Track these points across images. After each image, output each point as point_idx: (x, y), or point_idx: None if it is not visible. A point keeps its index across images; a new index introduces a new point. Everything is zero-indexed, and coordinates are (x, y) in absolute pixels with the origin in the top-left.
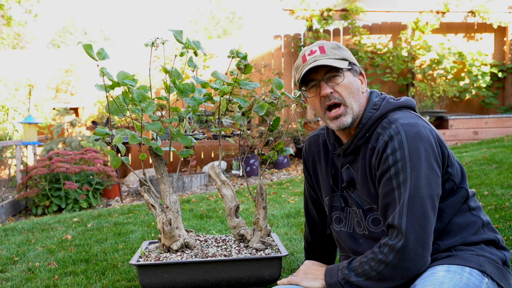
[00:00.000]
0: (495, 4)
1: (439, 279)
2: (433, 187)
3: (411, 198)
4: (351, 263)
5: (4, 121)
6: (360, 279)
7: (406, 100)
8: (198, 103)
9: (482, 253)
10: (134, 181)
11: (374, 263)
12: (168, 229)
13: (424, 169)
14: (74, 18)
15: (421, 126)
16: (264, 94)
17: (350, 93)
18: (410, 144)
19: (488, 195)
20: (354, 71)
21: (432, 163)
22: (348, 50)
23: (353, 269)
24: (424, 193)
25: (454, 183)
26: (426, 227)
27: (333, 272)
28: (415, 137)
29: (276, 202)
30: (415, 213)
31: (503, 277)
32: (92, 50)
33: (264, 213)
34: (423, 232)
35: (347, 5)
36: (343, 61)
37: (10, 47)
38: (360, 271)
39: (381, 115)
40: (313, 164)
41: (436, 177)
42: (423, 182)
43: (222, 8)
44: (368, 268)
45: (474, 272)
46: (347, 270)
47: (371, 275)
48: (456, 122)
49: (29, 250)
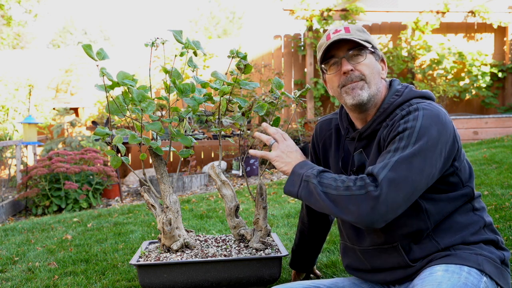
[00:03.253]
0: (495, 4)
1: (438, 279)
2: (428, 164)
3: (401, 159)
4: (324, 172)
5: (4, 121)
6: (319, 187)
7: (427, 92)
8: (198, 103)
9: (481, 252)
10: (134, 181)
11: (342, 185)
12: (168, 229)
13: (428, 144)
14: (74, 18)
15: (443, 112)
16: (264, 94)
17: (371, 73)
18: (425, 120)
19: (488, 195)
20: (377, 55)
21: (438, 145)
22: (371, 36)
23: (322, 176)
24: (416, 163)
25: (460, 179)
26: (401, 192)
27: (306, 166)
28: (433, 116)
29: (276, 202)
30: (397, 173)
31: (501, 276)
32: (91, 50)
33: (264, 213)
34: (396, 195)
35: (347, 5)
36: (367, 43)
37: (10, 47)
38: (325, 182)
39: (404, 101)
40: (324, 147)
41: (436, 158)
42: (421, 154)
43: (222, 8)
44: (334, 185)
45: (473, 271)
46: (316, 173)
47: (330, 192)
48: (456, 122)
49: (29, 250)
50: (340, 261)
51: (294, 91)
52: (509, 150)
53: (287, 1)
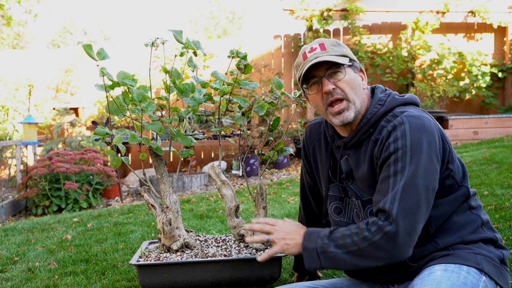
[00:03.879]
0: (495, 4)
1: (437, 278)
2: (430, 180)
3: (406, 186)
4: (333, 233)
5: (4, 121)
6: (339, 251)
7: (410, 97)
8: (198, 103)
9: (480, 252)
10: (134, 181)
11: (358, 239)
12: (168, 229)
13: (424, 160)
14: (74, 18)
15: (426, 119)
16: (264, 94)
17: (352, 88)
18: (413, 134)
19: (488, 195)
20: (355, 67)
21: (432, 156)
22: (347, 47)
23: (334, 239)
24: (420, 183)
25: (455, 180)
26: (416, 217)
27: (312, 237)
28: (419, 128)
29: (276, 202)
30: (408, 200)
31: (500, 275)
32: (92, 50)
33: (264, 213)
34: (413, 222)
35: (347, 5)
36: (343, 58)
37: (10, 47)
38: (341, 243)
39: (386, 110)
40: (314, 152)
41: (434, 170)
42: (420, 173)
43: (222, 8)
44: (350, 241)
45: (472, 270)
46: (327, 240)
47: (351, 249)
48: (456, 122)
49: (29, 250)
50: None
51: (294, 91)
52: (509, 150)
53: (287, 1)
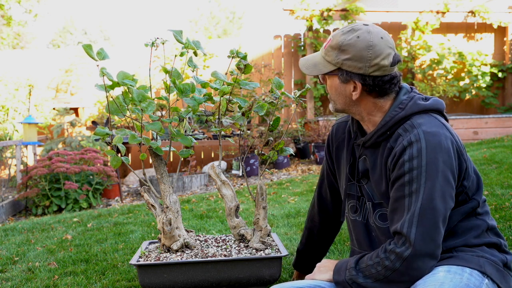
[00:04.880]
0: (495, 4)
1: (440, 279)
2: (447, 201)
3: (422, 209)
4: (358, 264)
5: (4, 121)
6: (368, 281)
7: (434, 103)
8: (198, 103)
9: (483, 255)
10: (134, 181)
11: (381, 268)
12: (168, 229)
13: (440, 181)
14: (74, 18)
15: (443, 136)
16: (264, 94)
17: (333, 94)
18: (429, 154)
19: (488, 195)
20: (343, 77)
21: (449, 176)
22: (355, 53)
23: (361, 270)
24: (437, 206)
25: (467, 195)
26: (435, 239)
27: (341, 270)
28: (435, 147)
29: (276, 202)
30: (425, 224)
31: (503, 279)
32: (92, 50)
33: (264, 213)
34: (433, 244)
35: (347, 5)
36: (328, 65)
37: (10, 47)
38: (368, 273)
39: (405, 116)
40: (337, 150)
41: (450, 191)
42: (437, 194)
43: (222, 8)
44: (375, 271)
45: (475, 273)
46: (355, 271)
47: (379, 278)
48: (456, 122)
49: (29, 250)
50: None
51: (294, 91)
52: (509, 150)
53: (287, 1)
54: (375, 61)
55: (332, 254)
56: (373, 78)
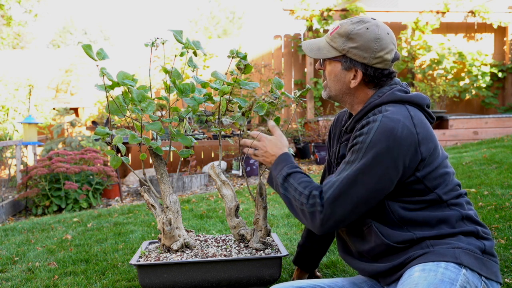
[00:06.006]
0: (495, 4)
1: (415, 280)
2: (375, 181)
3: (347, 178)
4: (290, 176)
5: (4, 121)
6: (284, 194)
7: (413, 95)
8: (198, 103)
9: (458, 245)
10: (134, 181)
11: (298, 198)
12: (168, 229)
13: (374, 161)
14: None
15: (401, 124)
16: (264, 94)
17: (330, 80)
18: (376, 135)
19: (488, 195)
20: (347, 64)
21: (387, 161)
22: (363, 42)
23: (288, 183)
24: (360, 180)
25: (427, 187)
26: (344, 209)
27: (278, 167)
28: (386, 131)
29: (276, 202)
30: (342, 192)
31: (483, 266)
32: (91, 50)
33: (264, 213)
34: (340, 211)
35: (347, 5)
36: (333, 51)
37: (10, 47)
38: (289, 189)
39: (380, 103)
40: (333, 137)
41: (384, 173)
42: (366, 171)
43: (222, 8)
44: (293, 195)
45: (450, 265)
46: (282, 180)
47: (291, 201)
48: (456, 122)
49: (29, 250)
50: (340, 261)
51: (294, 91)
52: (509, 150)
53: (287, 1)
54: (379, 54)
55: (332, 254)
56: (374, 69)
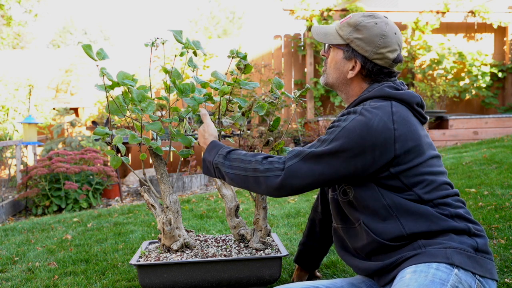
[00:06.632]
0: (495, 4)
1: (405, 282)
2: (336, 165)
3: (311, 155)
4: (230, 154)
5: (4, 121)
6: (230, 172)
7: (402, 94)
8: (198, 103)
9: (450, 244)
10: (134, 181)
11: (249, 166)
12: (168, 229)
13: (343, 147)
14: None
15: (378, 118)
16: (264, 94)
17: (330, 67)
18: (353, 122)
19: (488, 195)
20: (348, 53)
21: (355, 150)
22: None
23: (230, 159)
24: (323, 161)
25: (404, 184)
26: (301, 180)
27: (213, 151)
28: (361, 121)
29: (276, 202)
30: (303, 165)
31: (477, 265)
32: (91, 50)
33: (264, 213)
34: (297, 182)
35: (347, 5)
36: (339, 38)
37: (10, 47)
38: (234, 165)
39: (367, 97)
40: None
41: (353, 161)
42: (331, 154)
43: (222, 8)
44: (242, 166)
45: (442, 266)
46: (223, 159)
47: (239, 174)
48: (456, 122)
49: (29, 250)
50: (340, 261)
51: (294, 91)
52: (509, 150)
53: (287, 1)
54: (382, 50)
55: (332, 254)
56: (373, 64)
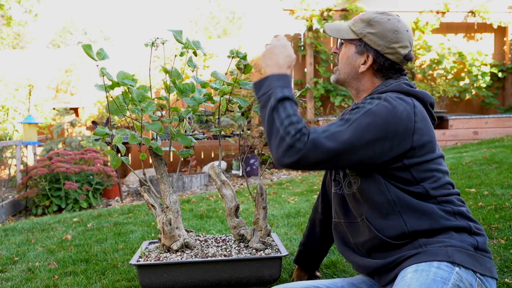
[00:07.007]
0: (495, 4)
1: (407, 282)
2: (362, 148)
3: (337, 133)
4: (282, 102)
5: (4, 121)
6: (267, 115)
7: (419, 92)
8: (198, 103)
9: (451, 243)
10: (134, 181)
11: (287, 124)
12: (168, 229)
13: (368, 128)
14: (74, 18)
15: (403, 107)
16: None
17: (342, 63)
18: (379, 106)
19: (488, 195)
20: (361, 48)
21: (380, 132)
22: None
23: (282, 104)
24: (349, 140)
25: (414, 177)
26: (316, 157)
27: (280, 81)
28: (388, 106)
29: (276, 202)
30: (325, 144)
31: (477, 263)
32: (91, 50)
33: (264, 213)
34: (317, 157)
35: (347, 5)
36: (351, 33)
37: (10, 47)
38: (274, 113)
39: (385, 91)
40: None
41: (374, 145)
42: (360, 136)
43: (222, 8)
44: (278, 118)
45: (443, 264)
46: (274, 100)
47: (276, 120)
48: (456, 122)
49: (29, 250)
50: (340, 261)
51: (294, 91)
52: (509, 150)
53: (287, 1)
54: (393, 45)
55: (332, 254)
56: (385, 59)
